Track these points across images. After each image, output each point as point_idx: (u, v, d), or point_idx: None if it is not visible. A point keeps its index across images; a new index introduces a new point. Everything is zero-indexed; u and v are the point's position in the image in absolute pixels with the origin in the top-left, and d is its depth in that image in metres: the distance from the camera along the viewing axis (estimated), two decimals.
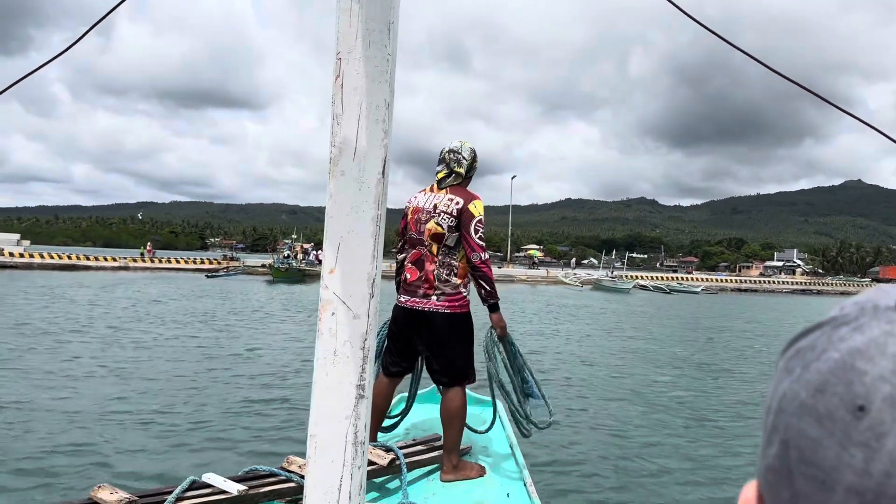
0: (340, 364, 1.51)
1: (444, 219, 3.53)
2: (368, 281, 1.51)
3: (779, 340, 17.81)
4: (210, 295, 26.06)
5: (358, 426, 1.50)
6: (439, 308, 3.54)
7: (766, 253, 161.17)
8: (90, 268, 44.35)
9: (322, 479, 1.49)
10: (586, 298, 36.39)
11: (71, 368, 9.79)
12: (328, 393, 1.51)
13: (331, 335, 1.51)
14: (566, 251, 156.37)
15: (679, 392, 10.12)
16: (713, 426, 8.06)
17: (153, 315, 17.76)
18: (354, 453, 1.49)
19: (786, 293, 61.77)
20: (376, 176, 1.50)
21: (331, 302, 1.51)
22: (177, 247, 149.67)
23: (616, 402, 9.11)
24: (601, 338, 17.23)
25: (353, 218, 1.50)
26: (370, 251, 1.51)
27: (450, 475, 3.55)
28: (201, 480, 2.80)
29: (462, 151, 3.70)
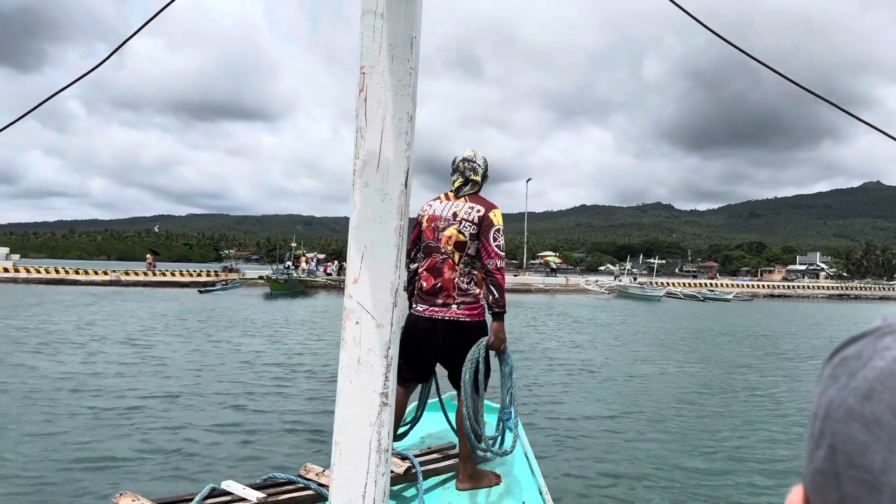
0: (364, 372, 1.53)
1: (466, 227, 3.56)
2: (392, 290, 1.54)
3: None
4: (186, 315, 21.68)
5: (382, 434, 1.52)
6: (459, 317, 3.56)
7: (787, 256, 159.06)
8: (78, 282, 42.09)
9: (347, 485, 1.51)
10: (617, 310, 32.33)
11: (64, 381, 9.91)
12: (352, 401, 1.53)
13: (355, 344, 1.54)
14: (582, 258, 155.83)
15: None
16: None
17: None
18: (378, 460, 1.52)
19: (821, 299, 59.00)
20: (399, 187, 1.53)
21: (355, 311, 1.54)
22: (191, 259, 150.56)
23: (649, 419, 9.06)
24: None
25: (377, 229, 1.53)
26: (393, 261, 1.54)
27: (466, 483, 3.56)
28: (220, 488, 2.84)
29: (476, 160, 3.76)
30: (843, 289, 68.94)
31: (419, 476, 3.30)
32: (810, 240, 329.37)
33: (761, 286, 66.97)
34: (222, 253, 69.47)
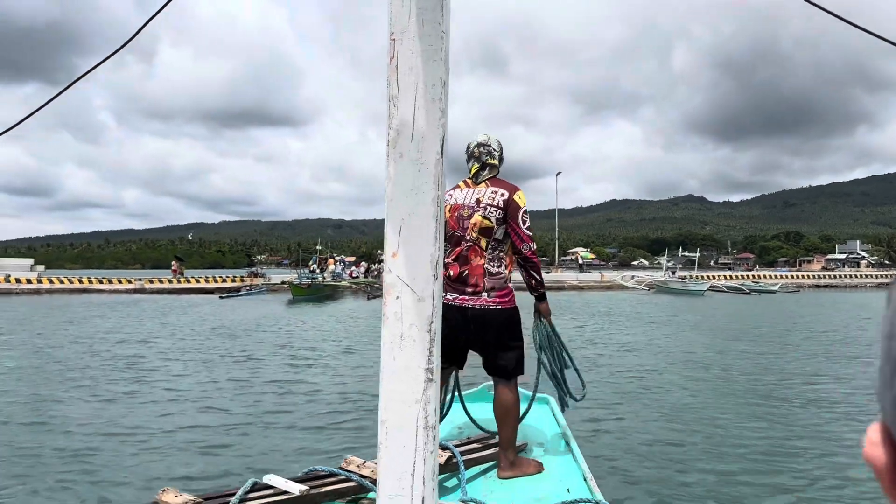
0: (407, 348, 1.49)
1: (492, 212, 3.53)
2: (432, 263, 1.49)
3: None
4: (198, 328, 19.62)
5: (428, 410, 1.48)
6: (490, 304, 3.53)
7: (826, 246, 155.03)
8: (102, 291, 42.42)
9: (395, 464, 1.47)
10: (661, 307, 29.91)
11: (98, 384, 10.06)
12: (396, 377, 1.49)
13: (396, 319, 1.50)
14: (614, 253, 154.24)
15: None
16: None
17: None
18: (426, 438, 1.47)
19: (870, 288, 56.20)
20: (435, 156, 1.49)
21: (395, 286, 1.50)
22: (224, 265, 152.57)
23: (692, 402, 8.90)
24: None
25: (414, 200, 1.49)
26: (432, 233, 1.49)
27: (507, 472, 3.52)
28: (262, 482, 2.82)
29: (491, 143, 3.74)
30: (894, 277, 66.33)
31: (460, 465, 3.25)
32: (848, 228, 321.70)
33: (807, 276, 64.33)
34: (254, 258, 69.72)
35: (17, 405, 8.71)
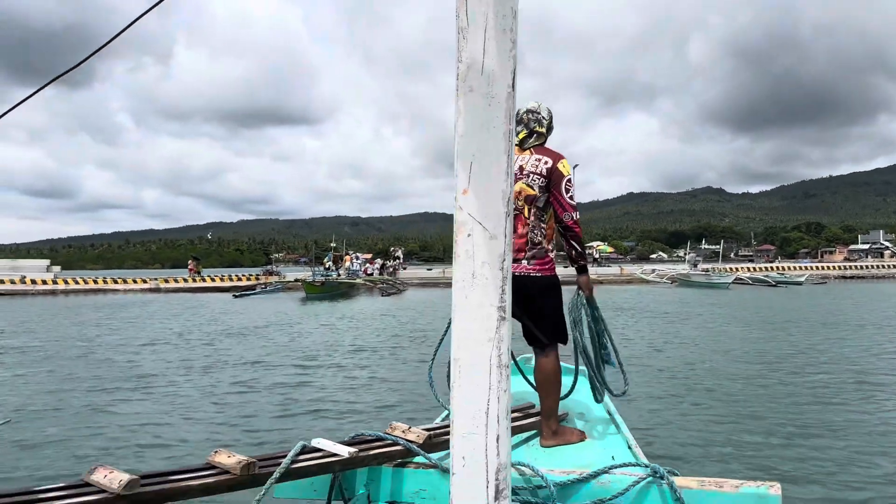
0: (479, 286, 1.46)
1: (535, 180, 3.50)
2: (504, 199, 1.46)
3: None
4: (209, 328, 18.88)
5: (501, 349, 1.45)
6: (531, 272, 3.51)
7: (848, 236, 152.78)
8: (118, 291, 43.08)
9: (468, 403, 1.44)
10: (688, 301, 29.00)
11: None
12: (468, 316, 1.46)
13: (468, 257, 1.47)
14: (632, 247, 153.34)
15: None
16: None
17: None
18: (500, 376, 1.44)
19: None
20: (506, 89, 1.45)
21: (466, 223, 1.47)
22: (242, 264, 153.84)
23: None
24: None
25: (485, 135, 1.46)
26: (504, 168, 1.46)
27: (550, 441, 3.50)
28: (311, 445, 2.82)
29: (541, 111, 3.69)
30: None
31: None
32: (869, 218, 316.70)
33: (833, 267, 62.97)
34: (272, 257, 69.87)
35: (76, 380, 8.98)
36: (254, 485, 2.51)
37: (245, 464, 2.48)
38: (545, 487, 2.70)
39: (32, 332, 17.88)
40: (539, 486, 2.75)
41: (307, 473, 2.69)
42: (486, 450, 1.43)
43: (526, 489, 2.77)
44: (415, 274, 53.57)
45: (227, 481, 2.44)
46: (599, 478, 2.77)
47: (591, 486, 2.76)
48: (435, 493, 2.86)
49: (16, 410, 8.09)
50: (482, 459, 1.43)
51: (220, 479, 2.43)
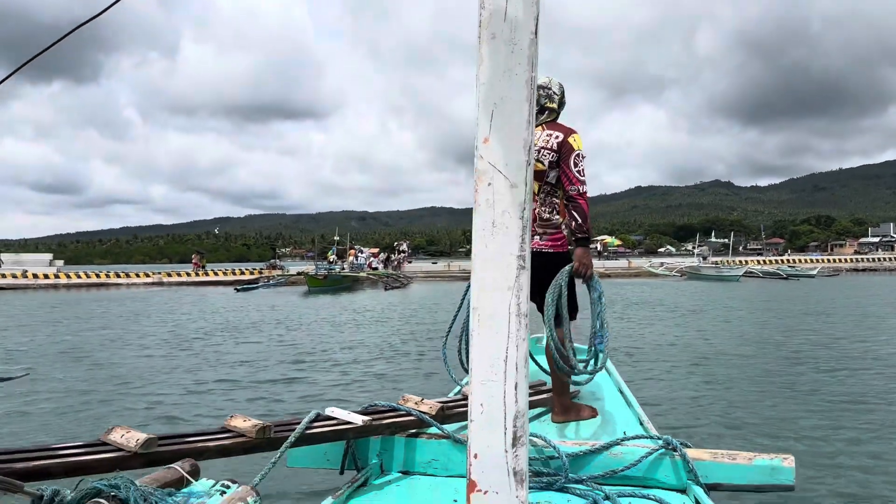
0: (500, 235, 1.46)
1: (545, 155, 3.48)
2: (525, 148, 1.45)
3: None
4: (208, 321, 18.13)
5: (521, 298, 1.45)
6: (544, 248, 3.49)
7: (858, 229, 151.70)
8: (120, 285, 42.88)
9: (487, 351, 1.44)
10: (699, 294, 28.05)
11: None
12: (488, 265, 1.46)
13: (488, 206, 1.47)
14: (640, 240, 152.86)
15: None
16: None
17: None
18: (519, 325, 1.44)
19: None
20: (529, 36, 1.44)
21: (486, 172, 1.47)
22: (249, 259, 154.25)
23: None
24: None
25: (507, 83, 1.45)
26: (525, 117, 1.45)
27: (561, 416, 3.50)
28: (325, 414, 2.83)
29: (552, 87, 3.66)
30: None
31: None
32: (880, 211, 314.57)
33: (845, 260, 62.15)
34: (278, 252, 69.67)
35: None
36: (269, 448, 2.52)
37: (261, 427, 2.50)
38: (557, 458, 2.70)
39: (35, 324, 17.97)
40: (551, 457, 2.75)
41: (321, 439, 2.71)
42: (504, 397, 1.43)
43: (538, 460, 2.78)
44: (419, 268, 53.52)
45: (242, 443, 2.45)
46: (612, 449, 2.78)
47: (604, 458, 2.77)
48: (447, 463, 2.87)
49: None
50: (500, 406, 1.43)
51: (236, 441, 2.44)
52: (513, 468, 1.44)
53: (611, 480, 2.69)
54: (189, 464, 2.08)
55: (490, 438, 1.44)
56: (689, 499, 2.59)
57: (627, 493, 2.61)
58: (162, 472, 2.03)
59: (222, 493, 1.90)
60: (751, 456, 2.69)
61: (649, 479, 2.71)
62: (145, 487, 1.83)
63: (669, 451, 2.72)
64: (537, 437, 2.83)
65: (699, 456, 2.70)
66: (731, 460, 2.68)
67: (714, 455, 2.71)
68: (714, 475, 2.66)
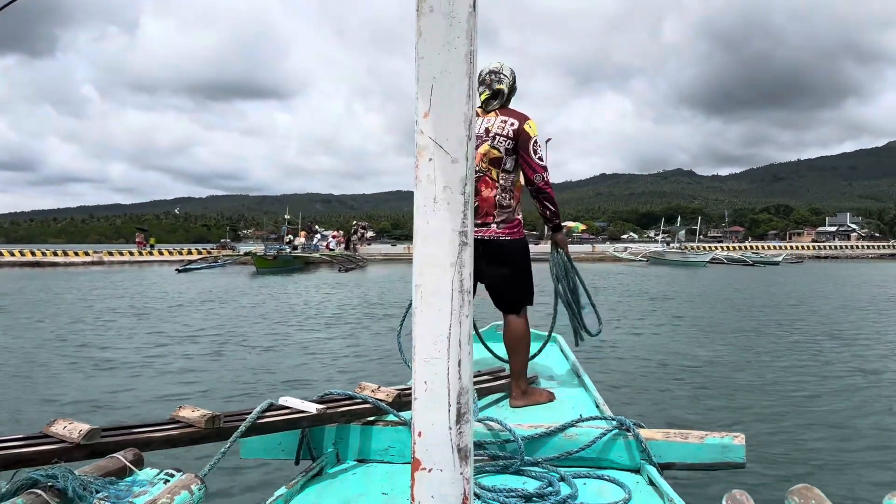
0: (441, 211, 1.44)
1: (501, 142, 3.49)
2: (465, 123, 1.43)
3: None
4: (134, 302, 17.50)
5: (464, 274, 1.43)
6: (500, 235, 3.51)
7: (816, 218, 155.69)
8: (57, 264, 40.75)
9: (431, 328, 1.43)
10: (667, 279, 27.68)
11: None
12: (430, 241, 1.44)
13: (429, 182, 1.44)
14: (604, 227, 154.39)
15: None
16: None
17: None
18: (462, 301, 1.43)
19: (872, 258, 55.93)
20: (467, 9, 1.42)
21: (427, 147, 1.44)
22: (209, 240, 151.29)
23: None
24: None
25: (446, 56, 1.42)
26: (465, 91, 1.43)
27: (519, 401, 3.53)
28: (279, 403, 2.79)
29: (503, 71, 3.68)
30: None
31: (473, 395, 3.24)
32: (835, 202, 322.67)
33: (807, 248, 63.24)
34: (240, 233, 67.44)
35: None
36: (218, 438, 2.48)
37: (210, 417, 2.45)
38: (513, 441, 2.71)
39: None
40: (507, 441, 2.76)
41: (274, 429, 2.66)
42: (447, 374, 1.42)
43: (494, 443, 2.78)
44: (378, 250, 51.83)
45: (190, 433, 2.40)
46: (567, 431, 2.80)
47: (559, 439, 2.79)
48: (403, 449, 2.86)
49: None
50: (444, 383, 1.42)
51: (183, 432, 2.39)
52: (457, 445, 1.43)
53: (566, 462, 2.71)
54: (132, 453, 2.03)
55: (434, 416, 1.43)
56: (642, 478, 2.62)
57: (583, 474, 2.62)
58: (104, 462, 1.98)
59: (166, 481, 1.86)
60: (702, 435, 2.73)
61: (604, 459, 2.74)
62: (85, 476, 1.78)
63: (623, 431, 2.75)
64: (493, 421, 2.83)
65: (652, 436, 2.74)
66: (684, 440, 2.71)
67: (667, 435, 2.75)
68: (667, 454, 2.70)
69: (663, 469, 2.65)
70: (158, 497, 1.71)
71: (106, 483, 1.79)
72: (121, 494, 1.79)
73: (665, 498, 2.35)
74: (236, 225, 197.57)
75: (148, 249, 47.82)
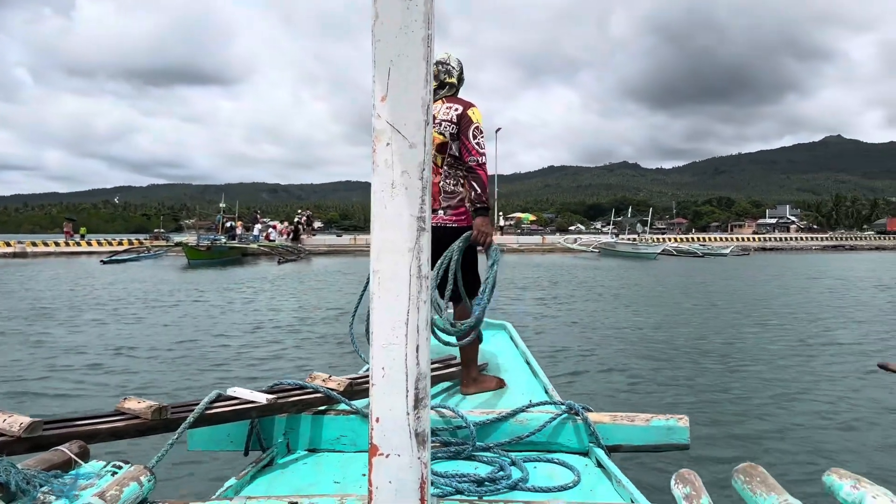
0: (399, 196, 1.43)
1: (446, 127, 3.52)
2: (423, 107, 1.43)
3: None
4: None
5: (422, 259, 1.43)
6: (447, 223, 3.52)
7: (756, 210, 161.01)
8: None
9: (388, 314, 1.42)
10: (619, 271, 26.95)
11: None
12: (388, 226, 1.43)
13: (387, 167, 1.43)
14: (552, 218, 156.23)
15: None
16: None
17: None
18: (420, 287, 1.43)
19: (816, 250, 57.19)
20: None
21: (384, 132, 1.43)
22: (149, 230, 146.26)
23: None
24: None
25: (403, 40, 1.42)
26: (423, 75, 1.42)
27: (471, 388, 3.56)
28: (227, 394, 2.75)
29: (450, 62, 3.71)
30: (838, 239, 67.17)
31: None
32: (774, 195, 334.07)
33: (753, 239, 64.45)
34: (182, 223, 64.69)
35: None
36: (166, 430, 2.42)
37: (156, 408, 2.39)
38: (465, 427, 2.73)
39: None
40: (459, 427, 2.78)
41: (223, 419, 2.61)
42: (405, 359, 1.42)
43: (446, 430, 2.80)
44: (322, 241, 49.39)
45: (136, 425, 2.34)
46: (517, 416, 2.84)
47: (510, 425, 2.82)
48: (355, 438, 2.85)
49: None
50: (402, 369, 1.42)
51: (129, 423, 2.33)
52: (415, 430, 1.43)
53: (517, 446, 2.74)
54: (77, 445, 1.96)
55: (392, 401, 1.43)
56: (590, 460, 2.67)
57: (533, 458, 2.66)
58: (48, 455, 1.91)
59: (114, 473, 1.81)
60: (648, 417, 2.80)
61: (553, 443, 2.78)
62: (28, 470, 1.72)
63: (572, 415, 2.80)
64: (445, 408, 2.85)
65: (600, 419, 2.79)
66: (630, 422, 2.78)
67: (614, 418, 2.81)
68: (614, 437, 2.76)
69: (611, 451, 2.71)
70: (107, 489, 1.66)
71: (50, 476, 1.73)
72: (66, 488, 1.73)
73: (613, 479, 2.41)
74: (178, 214, 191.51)
75: (76, 240, 45.53)
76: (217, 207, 48.87)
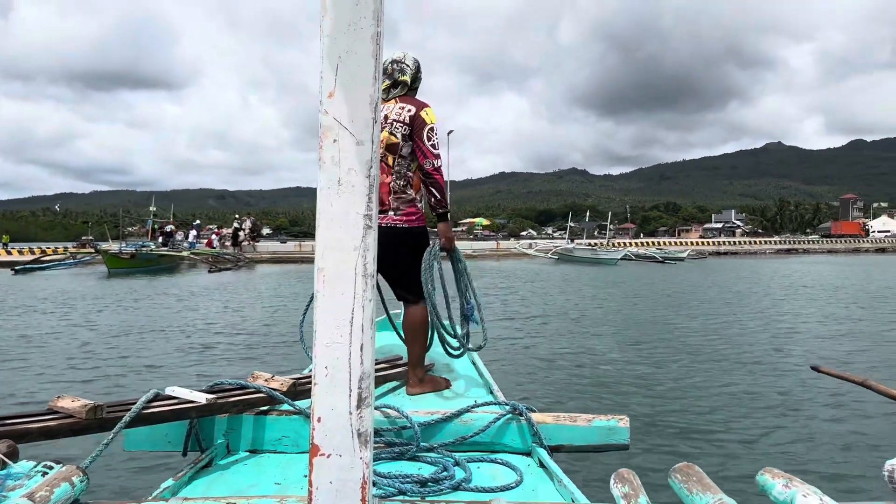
0: (346, 193, 1.42)
1: (398, 127, 3.47)
2: (371, 104, 1.42)
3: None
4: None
5: (367, 258, 1.42)
6: (397, 223, 3.49)
7: (702, 215, 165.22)
8: None
9: (333, 313, 1.41)
10: (587, 278, 26.15)
11: None
12: (334, 224, 1.42)
13: (334, 164, 1.42)
14: (503, 224, 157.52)
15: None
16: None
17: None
18: (365, 285, 1.41)
19: (770, 254, 58.70)
20: None
21: (332, 128, 1.42)
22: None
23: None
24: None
25: (352, 36, 1.40)
26: (371, 72, 1.41)
27: (416, 389, 3.55)
28: (165, 393, 2.68)
29: (405, 60, 3.67)
30: (790, 243, 68.99)
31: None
32: (719, 200, 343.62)
33: (708, 243, 65.06)
34: (125, 230, 61.92)
35: None
36: (101, 430, 2.34)
37: (91, 407, 2.32)
38: (409, 428, 2.73)
39: None
40: (404, 427, 2.77)
41: (160, 419, 2.55)
42: (349, 358, 1.40)
43: (391, 430, 2.79)
44: (265, 248, 46.81)
45: (70, 425, 2.26)
46: (462, 417, 2.85)
47: (454, 425, 2.83)
48: (298, 439, 2.81)
49: None
50: (346, 368, 1.40)
51: (62, 423, 2.25)
52: (357, 430, 1.42)
53: (461, 447, 2.75)
54: (6, 444, 1.89)
55: (334, 401, 1.41)
56: (533, 460, 2.70)
57: (477, 458, 2.67)
58: None
59: (44, 474, 1.75)
60: (590, 418, 2.84)
61: (497, 443, 2.80)
62: None
63: (516, 416, 2.83)
64: (390, 408, 2.84)
65: (543, 420, 2.83)
66: (572, 422, 2.82)
67: (556, 418, 2.84)
68: (556, 437, 2.79)
69: (553, 451, 2.74)
70: (36, 490, 1.60)
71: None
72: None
73: (555, 479, 2.43)
74: (120, 221, 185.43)
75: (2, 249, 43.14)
76: (147, 212, 46.52)
